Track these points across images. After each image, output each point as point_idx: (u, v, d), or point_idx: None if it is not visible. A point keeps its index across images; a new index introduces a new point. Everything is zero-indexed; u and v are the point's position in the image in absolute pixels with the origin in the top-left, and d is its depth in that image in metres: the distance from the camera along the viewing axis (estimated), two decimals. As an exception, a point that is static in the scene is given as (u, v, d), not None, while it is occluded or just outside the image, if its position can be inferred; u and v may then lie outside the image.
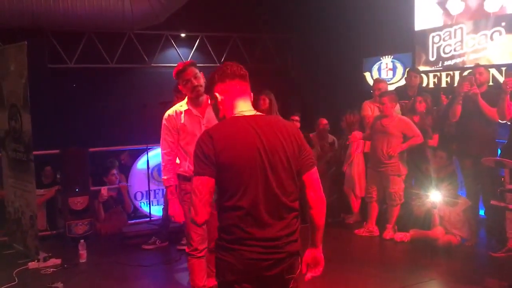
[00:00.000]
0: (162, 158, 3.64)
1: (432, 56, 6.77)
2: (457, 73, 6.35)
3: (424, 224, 5.29)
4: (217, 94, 2.21)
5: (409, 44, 7.08)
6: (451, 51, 6.54)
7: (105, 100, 7.81)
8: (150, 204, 6.47)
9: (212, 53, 8.75)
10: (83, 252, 5.02)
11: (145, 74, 8.36)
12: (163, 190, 6.34)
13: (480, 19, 6.20)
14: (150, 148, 6.35)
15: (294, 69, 9.23)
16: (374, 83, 6.43)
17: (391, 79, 7.48)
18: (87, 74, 7.86)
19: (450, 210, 5.12)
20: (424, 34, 6.84)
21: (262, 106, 5.48)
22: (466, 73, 5.82)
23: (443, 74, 6.61)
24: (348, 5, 7.53)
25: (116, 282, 4.57)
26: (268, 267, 2.08)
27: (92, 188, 6.07)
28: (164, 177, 3.63)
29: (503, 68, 5.90)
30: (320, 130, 6.57)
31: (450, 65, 6.55)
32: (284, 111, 5.94)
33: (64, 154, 5.89)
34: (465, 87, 4.96)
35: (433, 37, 6.74)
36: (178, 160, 3.62)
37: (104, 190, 6.06)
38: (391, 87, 7.03)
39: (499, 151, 5.21)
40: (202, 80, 3.47)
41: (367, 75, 7.86)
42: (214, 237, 3.15)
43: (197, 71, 3.49)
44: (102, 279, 4.61)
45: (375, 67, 7.76)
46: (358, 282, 4.36)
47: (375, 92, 6.02)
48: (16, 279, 4.55)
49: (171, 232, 5.62)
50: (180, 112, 3.53)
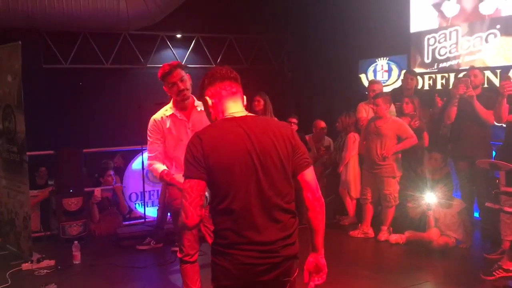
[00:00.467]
0: (148, 164, 3.51)
1: (428, 58, 6.78)
2: (452, 75, 6.36)
3: (419, 226, 5.30)
4: (207, 98, 2.19)
5: (404, 46, 7.09)
6: (446, 53, 6.55)
7: (100, 101, 7.78)
8: (144, 205, 6.44)
9: (208, 54, 8.74)
10: (77, 254, 5.00)
11: (140, 75, 8.33)
12: (158, 191, 6.33)
13: (475, 22, 6.22)
14: (145, 149, 6.29)
15: (289, 70, 9.23)
16: (369, 85, 6.44)
17: (387, 81, 7.49)
18: (82, 74, 7.82)
19: (445, 212, 5.14)
20: (420, 36, 6.86)
21: (256, 107, 5.48)
22: (461, 75, 5.84)
23: (438, 76, 6.62)
24: (344, 7, 7.54)
25: (110, 284, 4.55)
26: (264, 271, 2.04)
27: (87, 189, 6.04)
28: (157, 173, 3.38)
29: (498, 71, 5.92)
30: (317, 132, 6.57)
31: (445, 67, 6.56)
32: (279, 112, 5.94)
33: (58, 155, 5.86)
34: (460, 89, 4.97)
35: (428, 39, 6.76)
36: (164, 166, 3.46)
37: (97, 191, 6.03)
38: (387, 89, 7.04)
39: (494, 153, 5.22)
40: (189, 83, 3.35)
41: (363, 77, 7.87)
42: None
43: (183, 73, 3.34)
44: (96, 281, 4.59)
45: (371, 69, 7.77)
46: (353, 284, 4.35)
47: (370, 93, 6.02)
48: (9, 280, 4.52)
49: (166, 233, 5.61)
50: (166, 117, 3.40)
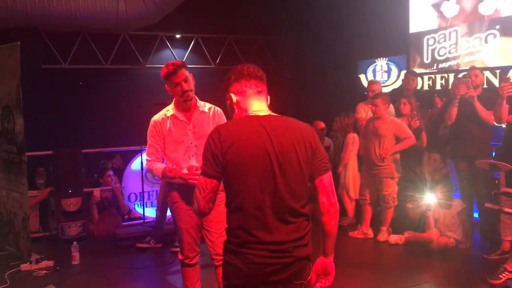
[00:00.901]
0: (146, 164, 3.46)
1: (427, 59, 6.78)
2: (451, 75, 6.35)
3: (419, 227, 5.29)
4: (232, 95, 2.17)
5: (404, 47, 7.09)
6: (445, 53, 6.55)
7: (99, 101, 7.76)
8: (144, 205, 6.44)
9: (207, 54, 8.73)
10: (76, 254, 4.99)
11: (139, 75, 8.32)
12: (157, 191, 6.32)
13: (474, 22, 6.22)
14: (144, 150, 6.29)
15: (289, 71, 9.22)
16: (368, 85, 6.44)
17: (386, 81, 7.49)
18: (82, 75, 7.81)
19: (445, 212, 5.13)
20: (419, 36, 6.86)
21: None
22: (461, 75, 5.83)
23: (438, 77, 6.62)
24: (343, 7, 7.54)
25: (109, 285, 4.54)
26: (276, 271, 2.02)
27: (86, 190, 6.03)
28: (158, 172, 3.33)
29: (497, 71, 5.92)
30: (317, 133, 6.54)
31: (444, 67, 6.56)
32: (279, 113, 5.92)
33: (57, 155, 5.85)
34: (461, 90, 4.96)
35: (427, 39, 6.76)
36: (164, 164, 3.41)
37: (96, 192, 6.02)
38: (386, 89, 7.05)
39: (494, 153, 5.22)
40: (192, 84, 3.27)
41: (362, 77, 7.87)
42: (219, 246, 3.10)
43: (187, 73, 3.24)
44: (95, 282, 4.57)
45: (370, 69, 7.77)
46: (353, 284, 4.34)
47: (369, 94, 6.02)
48: (8, 281, 4.51)
49: (165, 233, 5.60)
50: (166, 118, 3.32)
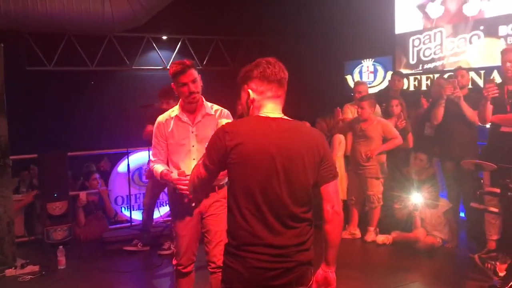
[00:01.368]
0: (149, 165, 3.37)
1: (413, 59, 6.83)
2: (437, 76, 6.41)
3: (406, 226, 5.33)
4: (250, 92, 2.12)
5: (389, 48, 7.14)
6: (431, 54, 6.61)
7: (85, 103, 7.71)
8: (131, 208, 6.38)
9: (194, 55, 8.71)
10: (61, 259, 4.93)
11: (125, 77, 8.28)
12: (143, 194, 6.27)
13: (459, 23, 6.28)
14: (130, 152, 6.28)
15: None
16: (354, 86, 6.46)
17: (372, 82, 7.54)
18: (67, 77, 7.75)
19: (431, 212, 5.17)
20: (405, 37, 6.91)
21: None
22: (446, 75, 5.88)
23: (423, 77, 6.68)
24: (329, 8, 7.57)
25: (95, 289, 4.49)
26: (275, 276, 2.00)
27: (72, 193, 5.97)
28: (157, 173, 3.22)
29: (482, 71, 5.98)
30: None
31: (430, 68, 6.62)
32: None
33: (43, 159, 5.77)
34: (448, 90, 4.99)
35: (413, 40, 6.81)
36: (165, 166, 3.28)
37: (83, 195, 5.96)
38: (372, 90, 7.09)
39: (480, 153, 5.26)
40: (200, 85, 3.14)
41: (349, 78, 7.90)
42: (215, 255, 3.10)
43: (196, 74, 3.12)
44: (82, 286, 4.52)
45: (356, 70, 7.81)
46: (340, 285, 4.29)
47: (356, 95, 6.04)
48: (-8, 287, 4.45)
49: (152, 236, 5.56)
50: (170, 118, 3.21)
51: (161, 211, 5.93)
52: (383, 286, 4.30)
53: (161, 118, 3.26)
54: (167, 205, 5.96)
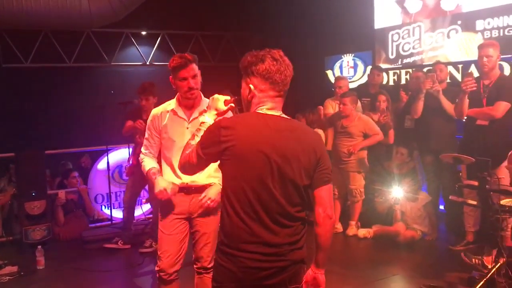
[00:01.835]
0: (140, 160, 3.24)
1: (392, 54, 6.87)
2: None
3: (386, 220, 5.38)
4: (251, 87, 2.06)
5: (369, 42, 7.17)
6: (410, 49, 6.65)
7: (62, 101, 7.58)
8: (111, 207, 6.32)
9: (174, 51, 8.62)
10: (40, 259, 4.85)
11: (104, 73, 8.16)
12: (124, 192, 6.21)
13: (437, 18, 6.33)
14: (110, 149, 6.20)
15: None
16: (335, 81, 6.47)
17: (352, 76, 7.57)
18: (44, 73, 7.60)
19: (411, 205, 5.22)
20: (384, 32, 6.94)
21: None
22: (425, 70, 5.93)
23: (403, 72, 6.72)
24: (309, 3, 7.56)
25: (76, 289, 4.43)
26: (269, 276, 1.99)
27: (50, 192, 5.87)
28: (144, 169, 3.15)
29: (460, 66, 6.05)
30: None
31: (409, 62, 6.67)
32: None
33: (20, 157, 5.66)
34: (427, 84, 5.03)
35: (392, 35, 6.85)
36: (154, 162, 3.17)
37: (61, 194, 5.88)
38: (353, 85, 7.11)
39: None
40: (200, 81, 3.00)
41: (329, 73, 7.92)
42: (202, 257, 3.05)
43: (197, 70, 2.97)
44: (61, 286, 4.46)
45: (337, 65, 7.83)
46: (323, 280, 4.37)
47: (337, 90, 6.06)
48: (-31, 289, 4.36)
49: (133, 234, 5.51)
50: (166, 112, 3.07)
51: (143, 209, 5.88)
52: (365, 280, 4.34)
53: (156, 111, 3.14)
54: (148, 203, 5.92)
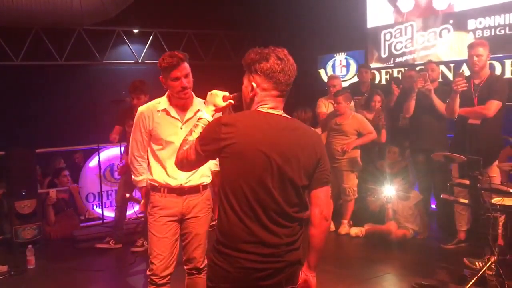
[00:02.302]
0: (131, 161, 3.11)
1: (384, 53, 6.89)
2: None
3: (378, 219, 5.39)
4: (254, 85, 2.04)
5: (361, 42, 7.19)
6: (402, 48, 6.67)
7: (53, 99, 7.53)
8: (102, 206, 6.28)
9: (167, 49, 8.58)
10: (31, 258, 4.82)
11: (96, 71, 8.11)
12: (115, 190, 6.19)
13: (429, 17, 6.36)
14: (101, 148, 6.17)
15: (249, 66, 9.19)
16: (328, 80, 6.48)
17: (345, 75, 7.58)
18: (35, 71, 7.54)
19: (403, 204, 5.24)
20: (376, 31, 6.96)
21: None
22: (417, 69, 5.95)
23: (395, 71, 6.74)
24: (302, 3, 7.56)
25: (66, 289, 4.40)
26: (265, 277, 1.97)
27: (40, 191, 5.83)
28: (136, 178, 3.12)
29: (452, 65, 6.08)
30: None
31: (401, 62, 6.69)
32: (240, 109, 5.89)
33: (9, 156, 5.61)
34: (419, 83, 5.04)
35: (384, 34, 6.87)
36: (145, 172, 3.10)
37: (52, 192, 5.83)
38: (345, 84, 7.12)
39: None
40: (191, 79, 2.89)
41: (322, 72, 7.93)
42: (194, 258, 3.03)
43: (189, 68, 2.86)
44: (52, 286, 4.43)
45: (330, 64, 7.84)
46: (315, 278, 4.37)
47: (330, 88, 6.07)
48: (-42, 289, 4.32)
49: (125, 234, 5.48)
50: (156, 110, 2.95)
51: (135, 208, 5.85)
52: (357, 279, 4.34)
53: (144, 109, 3.00)
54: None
